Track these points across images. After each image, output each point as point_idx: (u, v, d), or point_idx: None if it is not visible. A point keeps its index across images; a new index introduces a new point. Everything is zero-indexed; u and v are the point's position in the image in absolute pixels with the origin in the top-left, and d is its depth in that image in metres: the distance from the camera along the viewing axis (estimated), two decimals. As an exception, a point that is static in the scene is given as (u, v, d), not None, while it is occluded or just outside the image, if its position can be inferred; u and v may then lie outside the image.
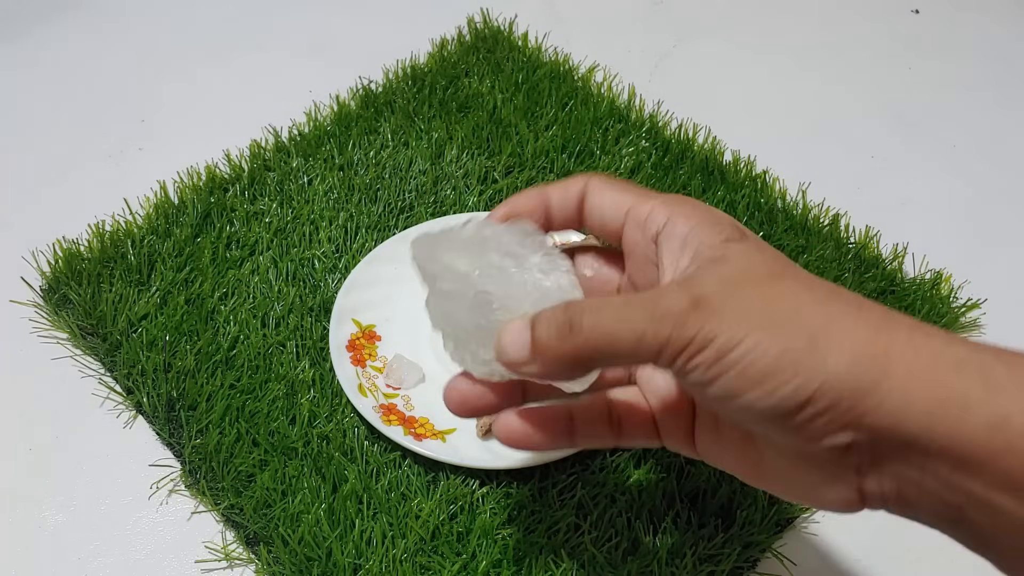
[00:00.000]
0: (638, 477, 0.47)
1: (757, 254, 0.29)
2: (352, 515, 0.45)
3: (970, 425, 0.25)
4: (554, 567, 0.44)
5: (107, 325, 0.53)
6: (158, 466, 0.48)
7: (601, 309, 0.28)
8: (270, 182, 0.61)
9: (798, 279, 0.28)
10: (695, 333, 0.27)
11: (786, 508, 0.47)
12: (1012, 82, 0.74)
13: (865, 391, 0.25)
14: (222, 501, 0.46)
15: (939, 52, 0.77)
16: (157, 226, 0.58)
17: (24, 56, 0.72)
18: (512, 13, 0.74)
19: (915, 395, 0.25)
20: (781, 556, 0.46)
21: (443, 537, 0.45)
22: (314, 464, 0.47)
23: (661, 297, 0.28)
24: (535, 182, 0.61)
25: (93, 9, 0.76)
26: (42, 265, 0.56)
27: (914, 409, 0.25)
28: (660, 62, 0.74)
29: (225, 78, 0.71)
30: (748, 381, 0.26)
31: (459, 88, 0.67)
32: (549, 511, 0.46)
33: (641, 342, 0.27)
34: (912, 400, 0.25)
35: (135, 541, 0.46)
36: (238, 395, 0.50)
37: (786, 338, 0.26)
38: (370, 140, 0.63)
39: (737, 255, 0.29)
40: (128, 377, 0.51)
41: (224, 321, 0.53)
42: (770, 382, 0.26)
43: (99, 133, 0.66)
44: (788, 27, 0.78)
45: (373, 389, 0.50)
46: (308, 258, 0.56)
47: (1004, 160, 0.67)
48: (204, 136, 0.65)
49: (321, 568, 0.44)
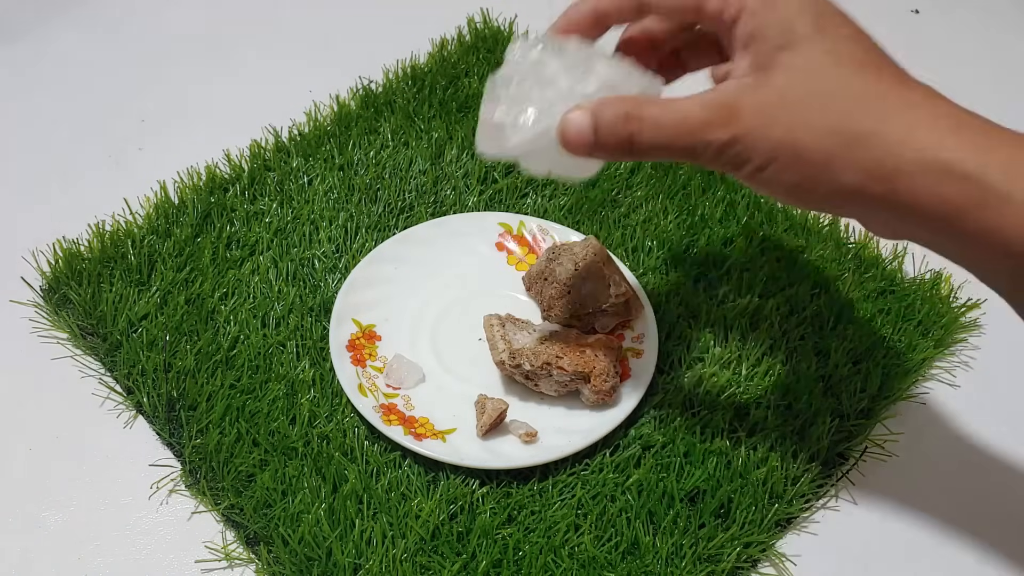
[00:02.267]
0: (638, 477, 0.47)
1: (811, 62, 0.34)
2: (352, 515, 0.45)
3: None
4: (554, 567, 0.44)
5: (107, 325, 0.53)
6: (158, 466, 0.48)
7: (653, 105, 0.36)
8: (270, 182, 0.61)
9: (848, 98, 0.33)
10: (728, 144, 0.34)
11: (786, 508, 0.47)
12: (1012, 82, 0.74)
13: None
14: (222, 501, 0.46)
15: (939, 52, 0.77)
16: (157, 226, 0.58)
17: (24, 56, 0.72)
18: (512, 13, 0.74)
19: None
20: (781, 556, 0.46)
21: (443, 537, 0.45)
22: (314, 464, 0.47)
23: (701, 108, 0.35)
24: (535, 182, 0.61)
25: (93, 9, 0.76)
26: (42, 265, 0.56)
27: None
28: (660, 62, 0.74)
29: (225, 78, 0.71)
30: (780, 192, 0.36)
31: (459, 88, 0.67)
32: (549, 511, 0.46)
33: (682, 145, 0.35)
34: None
35: (135, 541, 0.46)
36: (238, 395, 0.50)
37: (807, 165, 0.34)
38: (370, 140, 0.63)
39: (785, 70, 0.34)
40: (128, 377, 0.51)
41: (224, 321, 0.53)
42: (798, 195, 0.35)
43: (99, 133, 0.66)
44: (788, 27, 0.78)
45: (373, 389, 0.50)
46: (308, 258, 0.56)
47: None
48: (204, 136, 0.65)
49: (321, 568, 0.44)
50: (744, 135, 0.34)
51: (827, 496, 0.48)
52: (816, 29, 0.34)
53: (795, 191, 0.35)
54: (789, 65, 0.34)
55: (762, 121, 0.34)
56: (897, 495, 0.49)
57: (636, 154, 0.37)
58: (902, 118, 0.33)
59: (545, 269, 0.53)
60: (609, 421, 0.48)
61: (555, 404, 0.50)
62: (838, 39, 0.34)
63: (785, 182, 0.35)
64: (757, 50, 0.35)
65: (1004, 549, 0.47)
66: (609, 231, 0.58)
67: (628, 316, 0.53)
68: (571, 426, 0.49)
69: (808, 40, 0.34)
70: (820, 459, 0.48)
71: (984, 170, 0.31)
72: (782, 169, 0.34)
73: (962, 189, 0.31)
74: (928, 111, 0.33)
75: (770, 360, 0.52)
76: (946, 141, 0.32)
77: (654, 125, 0.36)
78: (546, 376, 0.48)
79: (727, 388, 0.51)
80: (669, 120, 0.35)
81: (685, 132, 0.35)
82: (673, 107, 0.36)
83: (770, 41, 0.35)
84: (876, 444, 0.50)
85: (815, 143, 0.33)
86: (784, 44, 0.34)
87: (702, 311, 0.54)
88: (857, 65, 0.34)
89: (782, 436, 0.49)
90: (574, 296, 0.51)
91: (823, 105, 0.33)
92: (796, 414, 0.50)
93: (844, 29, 0.35)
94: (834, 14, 0.35)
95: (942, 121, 0.33)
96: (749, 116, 0.34)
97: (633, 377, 0.50)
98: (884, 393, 0.51)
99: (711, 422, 0.49)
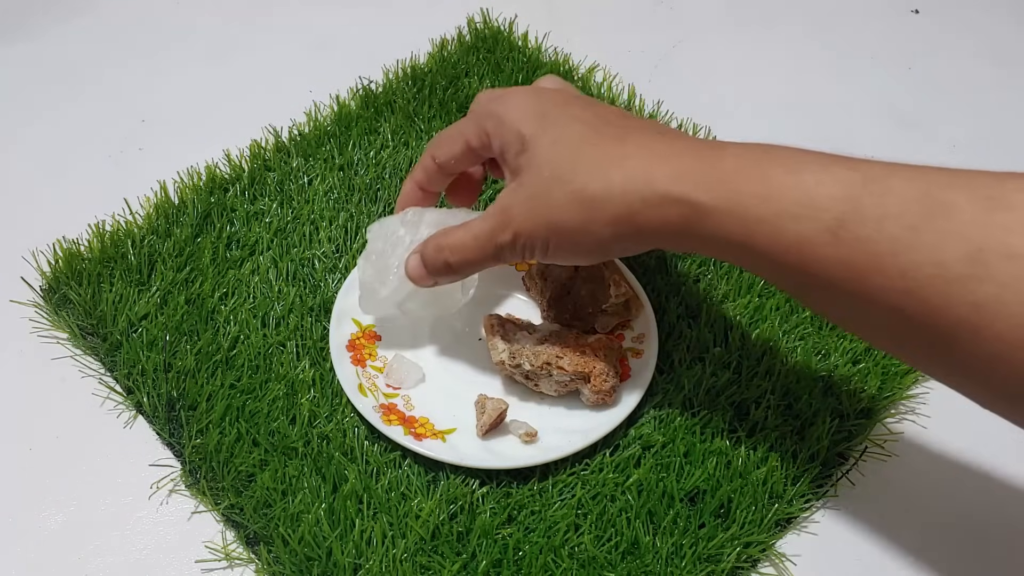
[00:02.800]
0: (638, 477, 0.47)
1: (542, 156, 0.41)
2: (352, 515, 0.45)
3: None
4: (554, 567, 0.44)
5: (107, 325, 0.53)
6: (158, 466, 0.48)
7: (455, 232, 0.44)
8: (270, 182, 0.61)
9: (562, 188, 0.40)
10: (513, 241, 0.42)
11: (786, 508, 0.47)
12: (1012, 82, 0.74)
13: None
14: (222, 501, 0.46)
15: (939, 52, 0.77)
16: (157, 226, 0.58)
17: (24, 56, 0.72)
18: (512, 13, 0.74)
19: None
20: (781, 556, 0.46)
21: (443, 537, 0.45)
22: (314, 464, 0.47)
23: (485, 222, 0.43)
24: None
25: (93, 9, 0.76)
26: (42, 265, 0.56)
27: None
28: (660, 62, 0.74)
29: (225, 78, 0.71)
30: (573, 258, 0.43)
31: (459, 88, 0.67)
32: (549, 511, 0.46)
33: (484, 255, 0.43)
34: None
35: (135, 541, 0.46)
36: (238, 395, 0.50)
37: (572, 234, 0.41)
38: (370, 140, 0.63)
39: (528, 169, 0.41)
40: (128, 377, 0.51)
41: (224, 321, 0.53)
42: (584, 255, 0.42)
43: (99, 133, 0.66)
44: (788, 27, 0.78)
45: (373, 389, 0.50)
46: (308, 258, 0.56)
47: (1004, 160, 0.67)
48: (204, 136, 0.65)
49: (321, 568, 0.44)
50: (520, 231, 0.41)
51: (827, 496, 0.48)
52: (540, 127, 0.41)
53: (581, 254, 0.42)
54: (528, 163, 0.41)
55: (526, 215, 0.41)
56: (897, 495, 0.49)
57: (459, 274, 0.46)
58: (621, 170, 0.39)
59: (545, 269, 0.53)
60: (609, 421, 0.48)
61: (555, 404, 0.50)
62: (560, 127, 0.41)
63: (569, 251, 0.42)
64: (507, 161, 0.43)
65: (1004, 549, 0.47)
66: (609, 231, 0.58)
67: (628, 316, 0.53)
68: (571, 426, 0.49)
69: (537, 138, 0.41)
70: (820, 459, 0.48)
71: (692, 191, 0.37)
72: (560, 244, 0.41)
73: (680, 211, 0.38)
74: (641, 157, 0.39)
75: (770, 360, 0.52)
76: (657, 175, 0.38)
77: (456, 248, 0.44)
78: (546, 376, 0.48)
79: (727, 388, 0.51)
80: (465, 241, 0.44)
81: (480, 245, 0.43)
82: (467, 228, 0.44)
83: (512, 149, 0.42)
84: (876, 444, 0.50)
85: (567, 216, 0.40)
86: (521, 149, 0.42)
87: (702, 311, 0.54)
88: (578, 142, 0.40)
89: (782, 436, 0.49)
90: (574, 296, 0.51)
91: (560, 185, 0.40)
92: (796, 414, 0.50)
93: (566, 114, 0.42)
94: (556, 105, 0.42)
95: (655, 161, 0.38)
96: (518, 214, 0.41)
97: (633, 377, 0.50)
98: (884, 393, 0.51)
99: (711, 422, 0.49)
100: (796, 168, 0.36)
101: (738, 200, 0.36)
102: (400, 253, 0.48)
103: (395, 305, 0.50)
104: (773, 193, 0.36)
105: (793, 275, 0.36)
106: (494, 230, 0.42)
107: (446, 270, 0.45)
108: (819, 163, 0.36)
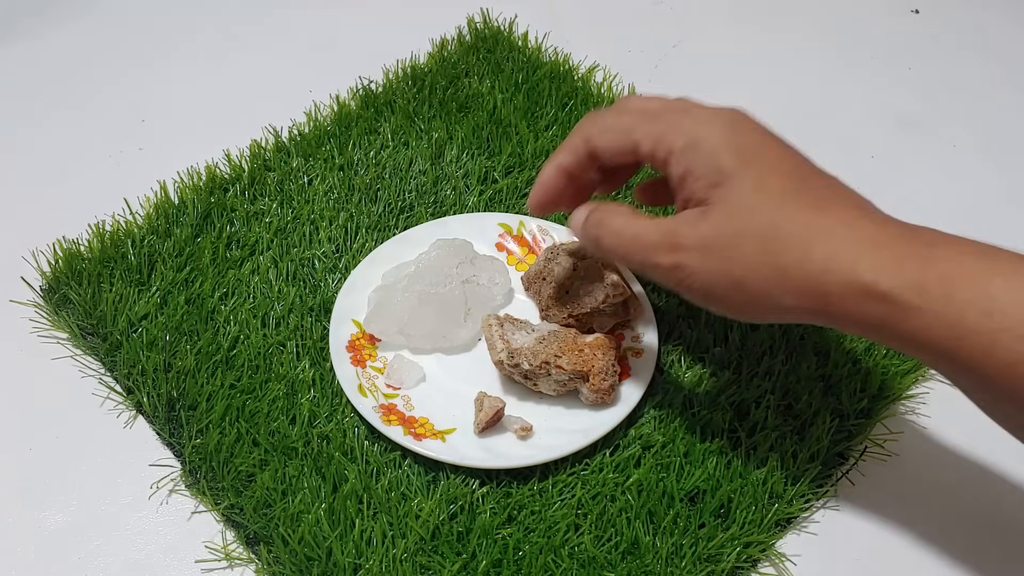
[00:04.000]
0: (638, 477, 0.47)
1: (739, 200, 0.38)
2: (352, 515, 0.45)
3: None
4: (554, 567, 0.44)
5: (107, 325, 0.53)
6: (158, 466, 0.48)
7: (619, 216, 0.42)
8: (270, 182, 0.61)
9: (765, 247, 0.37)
10: (672, 269, 0.39)
11: (786, 508, 0.47)
12: (1012, 82, 0.74)
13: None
14: (222, 501, 0.46)
15: (939, 52, 0.77)
16: (157, 226, 0.58)
17: (24, 56, 0.72)
18: (512, 13, 0.74)
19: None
20: (781, 556, 0.46)
21: (443, 537, 0.45)
22: (314, 464, 0.47)
23: (651, 231, 0.40)
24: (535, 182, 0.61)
25: (93, 9, 0.76)
26: (42, 265, 0.56)
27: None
28: (660, 62, 0.74)
29: (225, 78, 0.71)
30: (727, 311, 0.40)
31: (459, 88, 0.67)
32: (549, 511, 0.46)
33: (630, 259, 0.41)
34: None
35: (135, 541, 0.46)
36: (238, 395, 0.50)
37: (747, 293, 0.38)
38: (370, 140, 0.63)
39: (719, 207, 0.38)
40: (128, 377, 0.51)
41: (224, 321, 0.53)
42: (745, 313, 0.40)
43: (99, 133, 0.66)
44: (788, 27, 0.78)
45: (373, 389, 0.50)
46: (308, 258, 0.56)
47: (1005, 160, 0.67)
48: (204, 136, 0.65)
49: (321, 568, 0.44)
50: (686, 264, 0.39)
51: (827, 496, 0.48)
52: (741, 164, 0.38)
53: (747, 312, 0.39)
54: (722, 201, 0.38)
55: (704, 257, 0.38)
56: (897, 495, 0.49)
57: (603, 253, 0.45)
58: (824, 247, 0.36)
59: (544, 269, 0.53)
60: (609, 421, 0.48)
61: (554, 404, 0.50)
62: (763, 171, 0.38)
63: (729, 304, 0.39)
64: (692, 187, 0.39)
65: (1004, 548, 0.47)
66: (609, 231, 0.58)
67: (627, 316, 0.53)
68: (571, 425, 0.49)
69: (737, 178, 0.38)
70: (820, 459, 0.48)
71: (899, 289, 0.35)
72: (725, 295, 0.39)
73: (881, 306, 0.35)
74: (846, 237, 0.36)
75: (770, 360, 0.52)
76: (864, 263, 0.36)
77: (612, 233, 0.42)
78: (545, 375, 0.48)
79: (727, 388, 0.51)
80: (625, 233, 0.41)
81: (637, 248, 0.40)
82: (635, 223, 0.41)
83: (702, 179, 0.39)
84: (876, 444, 0.50)
85: (751, 275, 0.37)
86: (716, 181, 0.38)
87: (702, 311, 0.54)
88: (780, 197, 0.37)
89: (782, 436, 0.49)
90: (572, 296, 0.51)
91: (755, 242, 0.37)
92: (796, 414, 0.50)
93: (767, 157, 0.39)
94: (756, 143, 0.39)
95: (862, 246, 0.36)
96: (692, 249, 0.38)
97: (633, 377, 0.50)
98: (884, 393, 0.51)
99: (711, 422, 0.49)
100: (1022, 280, 0.33)
101: (952, 306, 0.34)
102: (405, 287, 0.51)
103: (402, 327, 0.51)
104: (995, 307, 0.33)
105: (1001, 394, 0.34)
106: (656, 247, 0.40)
107: (594, 244, 0.43)
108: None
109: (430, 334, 0.51)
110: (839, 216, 0.37)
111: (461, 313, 0.52)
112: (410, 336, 0.51)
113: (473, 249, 0.54)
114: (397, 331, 0.51)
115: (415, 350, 0.52)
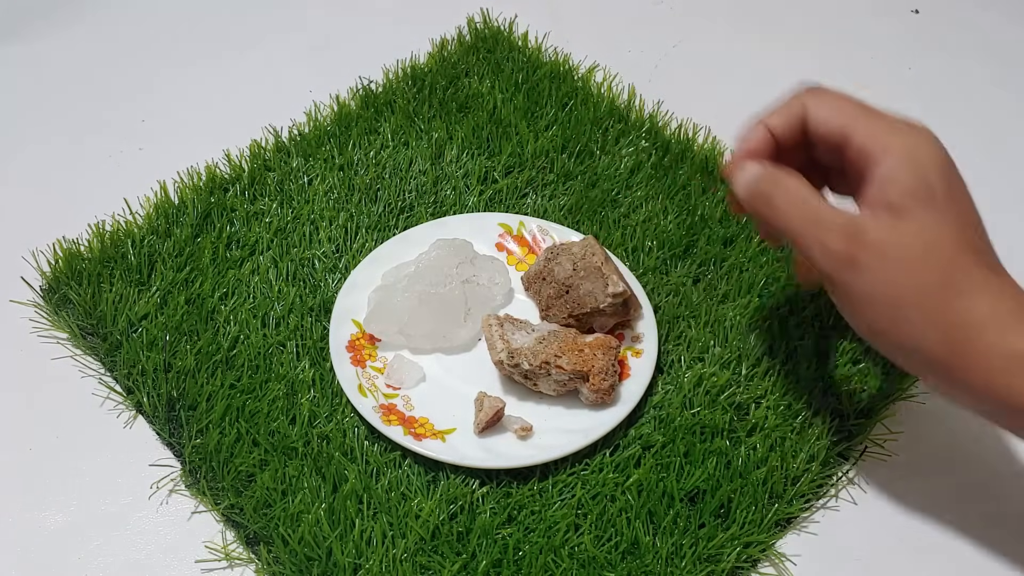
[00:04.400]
0: (638, 477, 0.47)
1: (936, 220, 0.38)
2: (352, 515, 0.45)
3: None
4: (554, 567, 0.44)
5: (107, 325, 0.53)
6: (158, 466, 0.48)
7: (789, 180, 0.41)
8: (270, 182, 0.61)
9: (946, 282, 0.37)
10: (841, 264, 0.38)
11: (786, 508, 0.47)
12: (1012, 82, 0.74)
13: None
14: (222, 501, 0.46)
15: (939, 52, 0.77)
16: (157, 226, 0.58)
17: (24, 56, 0.72)
18: (512, 13, 0.74)
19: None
20: (781, 556, 0.46)
21: (443, 537, 0.45)
22: (314, 464, 0.47)
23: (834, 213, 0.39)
24: (535, 182, 0.61)
25: (94, 9, 0.76)
26: (42, 265, 0.56)
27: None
28: (660, 62, 0.74)
29: (225, 78, 0.71)
30: (862, 324, 0.40)
31: (459, 88, 0.67)
32: (549, 511, 0.46)
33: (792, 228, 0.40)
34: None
35: (135, 541, 0.46)
36: (238, 395, 0.50)
37: (898, 312, 0.38)
38: (370, 140, 0.63)
39: (916, 223, 0.38)
40: (128, 377, 0.51)
41: (224, 321, 0.53)
42: (878, 333, 0.40)
43: (99, 133, 0.66)
44: (788, 27, 0.78)
45: (373, 389, 0.50)
46: (308, 258, 0.56)
47: (1005, 160, 0.67)
48: (204, 136, 0.65)
49: (321, 568, 0.44)
50: (862, 260, 0.38)
51: (827, 496, 0.48)
52: (949, 197, 0.38)
53: (876, 328, 0.39)
54: (922, 220, 0.38)
55: (878, 256, 0.37)
56: (897, 495, 0.49)
57: (767, 211, 0.41)
58: (989, 306, 0.37)
59: (544, 269, 0.53)
60: (609, 420, 0.48)
61: (554, 404, 0.50)
62: (960, 212, 0.38)
63: (872, 317, 0.39)
64: (890, 192, 0.38)
65: (1004, 548, 0.47)
66: (609, 231, 0.58)
67: (627, 316, 0.53)
68: (571, 425, 0.49)
69: (943, 205, 0.38)
70: (820, 459, 0.48)
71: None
72: (876, 305, 0.38)
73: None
74: (1010, 301, 0.37)
75: (770, 360, 0.52)
76: (1014, 334, 0.36)
77: (793, 197, 0.40)
78: (545, 375, 0.48)
79: (727, 388, 0.51)
80: (809, 202, 0.40)
81: (813, 221, 0.39)
82: (818, 198, 0.40)
83: (909, 193, 0.38)
84: (876, 444, 0.50)
85: (913, 299, 0.37)
86: (924, 199, 0.38)
87: (702, 311, 0.54)
88: (967, 243, 0.38)
89: (782, 436, 0.49)
90: (572, 296, 0.51)
91: (935, 271, 0.37)
92: (796, 414, 0.50)
93: (963, 202, 0.39)
94: (958, 184, 0.39)
95: (1014, 316, 0.37)
96: (871, 244, 0.38)
97: (633, 377, 0.50)
98: (884, 393, 0.51)
99: (711, 422, 0.49)
100: None
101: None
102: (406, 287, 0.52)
103: (403, 326, 0.51)
104: None
105: None
106: (835, 229, 0.38)
107: (763, 201, 0.41)
108: None
109: (430, 334, 0.51)
110: (1005, 280, 0.38)
111: (461, 313, 0.52)
112: (410, 336, 0.51)
113: (473, 249, 0.54)
114: (397, 331, 0.51)
115: (415, 350, 0.52)
